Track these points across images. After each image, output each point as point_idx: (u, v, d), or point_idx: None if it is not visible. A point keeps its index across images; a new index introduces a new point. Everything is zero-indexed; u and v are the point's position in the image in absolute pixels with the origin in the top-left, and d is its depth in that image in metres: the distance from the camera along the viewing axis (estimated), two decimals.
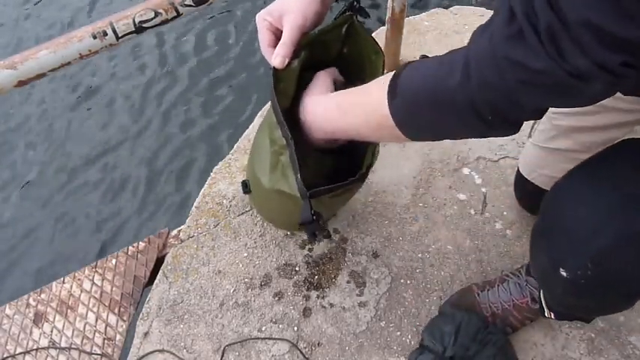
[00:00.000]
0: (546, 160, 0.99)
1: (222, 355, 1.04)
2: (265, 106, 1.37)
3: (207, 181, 1.29)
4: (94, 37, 0.79)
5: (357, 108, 0.71)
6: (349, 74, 0.95)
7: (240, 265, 1.15)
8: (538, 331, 1.01)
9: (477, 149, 1.28)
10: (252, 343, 1.05)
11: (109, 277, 1.17)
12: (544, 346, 1.00)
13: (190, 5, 0.83)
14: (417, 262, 1.12)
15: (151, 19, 0.81)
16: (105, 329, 1.11)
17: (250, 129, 1.38)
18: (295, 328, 1.06)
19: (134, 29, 0.81)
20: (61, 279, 1.18)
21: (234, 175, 1.29)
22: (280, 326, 1.06)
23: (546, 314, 0.93)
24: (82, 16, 2.99)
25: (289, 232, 1.18)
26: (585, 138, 0.91)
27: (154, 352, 1.06)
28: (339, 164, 0.90)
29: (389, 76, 0.64)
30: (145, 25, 0.81)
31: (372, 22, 2.50)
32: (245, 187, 1.01)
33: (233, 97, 2.51)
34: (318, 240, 1.15)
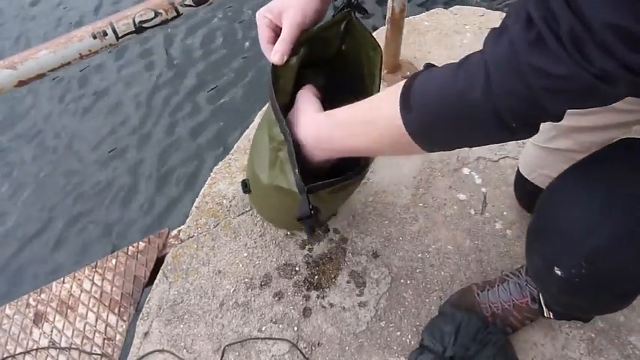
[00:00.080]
0: (546, 160, 0.99)
1: (222, 355, 1.04)
2: (265, 105, 1.37)
3: (207, 181, 1.30)
4: (94, 37, 0.79)
5: (368, 126, 0.69)
6: (347, 71, 0.95)
7: (240, 265, 1.15)
8: (538, 331, 1.01)
9: (477, 149, 1.27)
10: (252, 343, 1.05)
11: (109, 277, 1.17)
12: (544, 346, 1.00)
13: (190, 5, 0.83)
14: (417, 262, 1.12)
15: (151, 19, 0.81)
16: (105, 329, 1.11)
17: (250, 129, 1.38)
18: (295, 328, 1.06)
19: (134, 29, 0.81)
20: (61, 279, 1.19)
21: (234, 175, 1.29)
22: (280, 326, 1.06)
23: (545, 314, 0.93)
24: (87, 18, 2.99)
25: (289, 232, 1.18)
26: (585, 138, 0.91)
27: (154, 352, 1.06)
28: (338, 162, 0.90)
29: (398, 89, 0.62)
30: (145, 25, 0.81)
31: (376, 19, 2.50)
32: (245, 186, 1.01)
33: (241, 98, 2.51)
34: (316, 235, 1.15)
